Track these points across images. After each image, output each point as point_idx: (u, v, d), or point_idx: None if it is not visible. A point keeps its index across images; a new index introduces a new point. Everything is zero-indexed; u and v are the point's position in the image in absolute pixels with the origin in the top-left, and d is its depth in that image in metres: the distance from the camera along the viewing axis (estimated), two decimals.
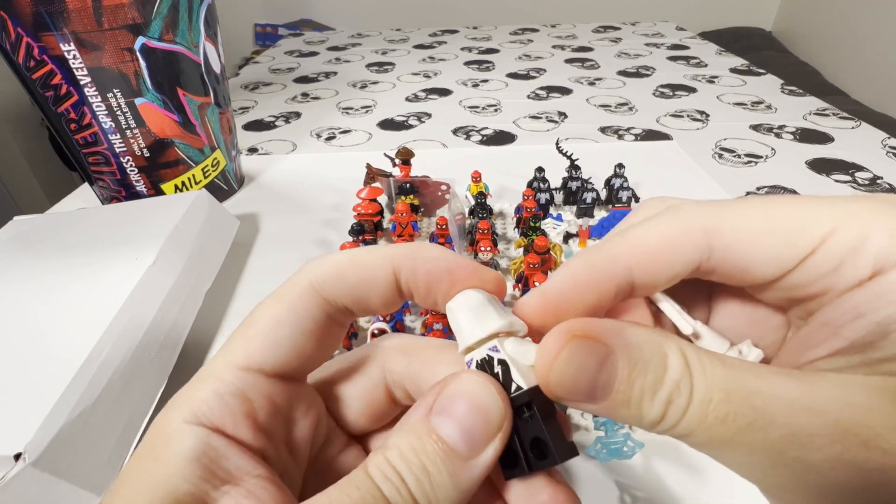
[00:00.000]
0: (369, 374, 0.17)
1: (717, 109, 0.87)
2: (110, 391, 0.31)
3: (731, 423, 0.12)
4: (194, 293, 0.42)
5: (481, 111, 0.90)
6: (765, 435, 0.12)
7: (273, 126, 0.88)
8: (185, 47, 0.53)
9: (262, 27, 2.39)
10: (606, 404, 0.13)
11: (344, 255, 0.16)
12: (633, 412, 0.13)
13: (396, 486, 0.13)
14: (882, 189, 0.62)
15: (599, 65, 1.12)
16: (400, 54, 1.26)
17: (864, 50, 1.84)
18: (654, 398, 0.12)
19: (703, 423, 0.12)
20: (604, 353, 0.13)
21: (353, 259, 0.16)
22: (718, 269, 0.14)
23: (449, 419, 0.13)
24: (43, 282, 0.39)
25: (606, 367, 0.13)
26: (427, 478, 0.13)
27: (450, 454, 0.13)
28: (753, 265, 0.14)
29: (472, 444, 0.13)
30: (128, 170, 0.56)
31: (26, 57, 0.48)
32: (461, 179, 0.62)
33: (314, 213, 0.61)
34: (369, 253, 0.16)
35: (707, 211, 0.14)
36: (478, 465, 0.13)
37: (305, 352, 0.15)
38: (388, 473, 0.13)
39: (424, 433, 0.13)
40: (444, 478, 0.13)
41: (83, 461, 0.28)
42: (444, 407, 0.14)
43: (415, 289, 0.16)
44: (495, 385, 0.14)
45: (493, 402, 0.14)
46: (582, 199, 0.56)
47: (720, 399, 0.12)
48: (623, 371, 0.13)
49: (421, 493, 0.13)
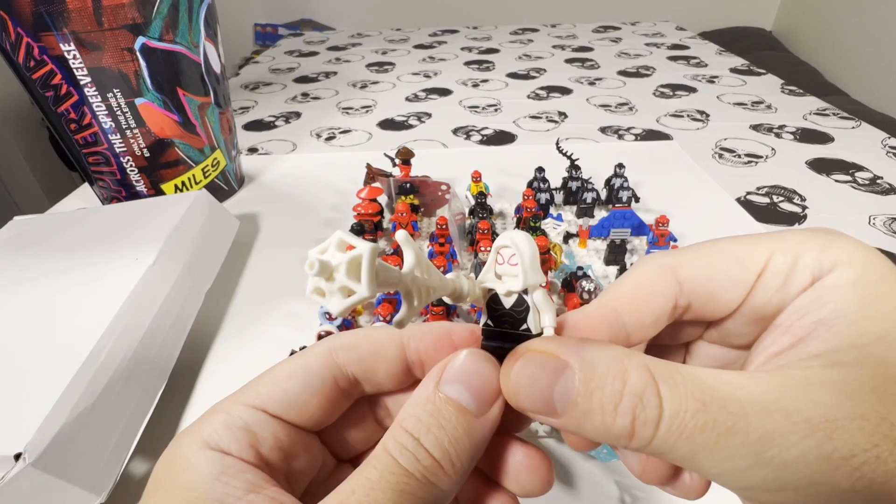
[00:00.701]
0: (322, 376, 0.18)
1: (717, 109, 0.87)
2: (110, 391, 0.31)
3: (711, 431, 0.12)
4: (194, 293, 0.42)
5: (481, 111, 0.90)
6: (744, 438, 0.12)
7: (273, 126, 0.88)
8: (186, 47, 0.53)
9: (262, 27, 2.39)
10: (569, 418, 0.14)
11: (361, 329, 0.18)
12: (596, 425, 0.13)
13: (413, 453, 0.14)
14: (882, 189, 0.62)
15: (599, 65, 1.12)
16: (400, 54, 1.26)
17: (864, 50, 1.83)
18: (615, 411, 0.13)
19: (682, 434, 0.13)
20: (558, 366, 0.14)
21: (367, 332, 0.18)
22: (692, 301, 0.17)
23: (458, 384, 0.15)
24: (43, 282, 0.39)
25: (562, 381, 0.14)
26: (444, 433, 0.14)
27: (463, 411, 0.15)
28: (720, 289, 0.16)
29: (481, 403, 0.15)
30: (128, 170, 0.56)
31: (26, 57, 0.48)
32: (461, 179, 0.62)
33: (314, 212, 0.61)
34: (382, 329, 0.18)
35: (668, 255, 0.17)
36: (487, 420, 0.15)
37: (309, 407, 0.17)
38: (405, 443, 0.14)
39: (438, 399, 0.15)
40: (461, 433, 0.15)
41: (83, 461, 0.28)
42: (451, 377, 0.15)
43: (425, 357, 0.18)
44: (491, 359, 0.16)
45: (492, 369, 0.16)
46: (582, 199, 0.56)
47: (696, 409, 0.13)
48: (579, 384, 0.14)
49: (439, 449, 0.14)
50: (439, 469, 0.14)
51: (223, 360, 0.42)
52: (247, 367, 0.41)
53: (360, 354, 0.17)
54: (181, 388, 0.39)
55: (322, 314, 0.41)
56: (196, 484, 0.14)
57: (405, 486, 0.14)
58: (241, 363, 0.41)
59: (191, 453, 0.14)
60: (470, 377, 0.15)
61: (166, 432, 0.36)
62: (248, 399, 0.16)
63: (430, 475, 0.14)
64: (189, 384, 0.40)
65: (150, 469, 0.33)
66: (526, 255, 0.16)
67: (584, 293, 0.41)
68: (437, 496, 0.14)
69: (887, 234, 0.54)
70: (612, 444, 0.14)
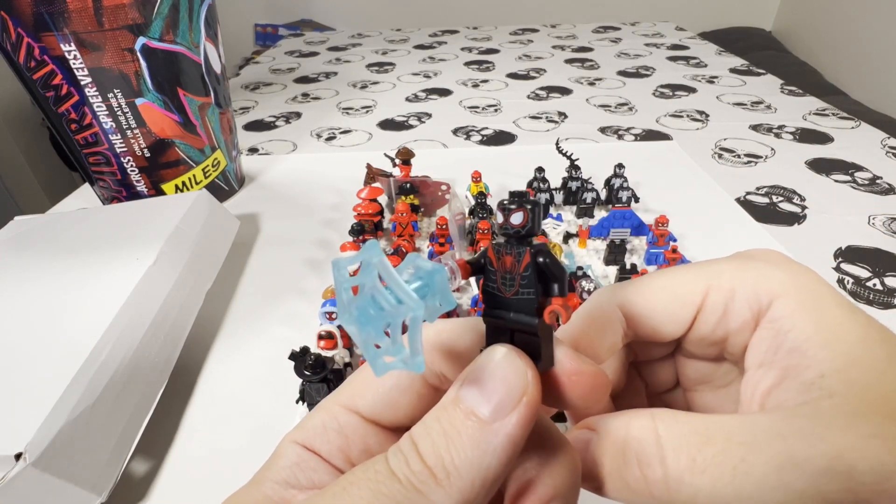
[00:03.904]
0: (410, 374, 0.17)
1: (716, 109, 0.87)
2: (110, 391, 0.31)
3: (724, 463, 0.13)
4: (194, 293, 0.42)
5: (481, 111, 0.90)
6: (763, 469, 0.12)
7: (273, 126, 0.88)
8: (186, 47, 0.53)
9: (263, 27, 2.39)
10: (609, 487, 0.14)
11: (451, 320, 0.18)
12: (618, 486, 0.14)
13: (405, 456, 0.13)
14: (881, 189, 0.62)
15: (599, 65, 1.12)
16: (400, 54, 1.26)
17: (864, 50, 1.83)
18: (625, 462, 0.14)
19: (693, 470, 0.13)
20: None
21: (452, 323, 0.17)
22: (638, 332, 0.18)
23: (474, 387, 0.13)
24: (43, 282, 0.39)
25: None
26: (443, 439, 0.13)
27: (471, 417, 0.13)
28: (661, 325, 0.17)
29: (495, 408, 0.13)
30: (128, 170, 0.56)
31: (27, 57, 0.48)
32: (461, 179, 0.62)
33: (314, 213, 0.61)
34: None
35: (616, 290, 0.18)
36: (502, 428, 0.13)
37: (399, 405, 0.17)
38: (402, 445, 0.13)
39: (449, 403, 0.14)
40: (464, 440, 0.13)
41: (83, 461, 0.28)
42: (470, 379, 0.14)
43: None
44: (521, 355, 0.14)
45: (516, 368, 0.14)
46: (582, 199, 0.56)
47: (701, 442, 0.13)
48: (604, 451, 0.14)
49: (433, 455, 0.13)
50: (429, 477, 0.13)
51: (223, 360, 0.42)
52: (247, 367, 0.41)
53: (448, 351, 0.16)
54: (181, 388, 0.39)
55: (322, 314, 0.41)
56: (272, 466, 0.16)
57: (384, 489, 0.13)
58: (241, 363, 0.41)
59: (285, 444, 0.16)
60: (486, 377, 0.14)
61: (166, 432, 0.36)
62: (343, 399, 0.17)
63: (417, 481, 0.13)
64: (189, 384, 0.40)
65: (151, 469, 0.34)
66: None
67: (584, 293, 0.41)
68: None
69: (887, 234, 0.54)
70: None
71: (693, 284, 0.17)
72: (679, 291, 0.17)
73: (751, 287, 0.16)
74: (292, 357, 0.34)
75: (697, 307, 0.17)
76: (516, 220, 0.14)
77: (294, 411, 0.36)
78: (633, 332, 0.18)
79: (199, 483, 0.33)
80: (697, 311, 0.17)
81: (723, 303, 0.16)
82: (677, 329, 0.17)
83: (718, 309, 0.17)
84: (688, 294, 0.17)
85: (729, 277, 0.16)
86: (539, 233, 0.14)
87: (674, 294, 0.17)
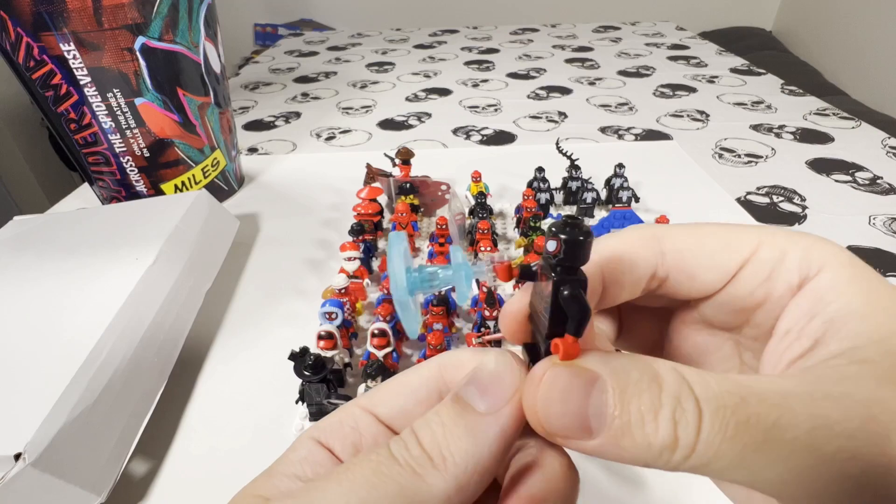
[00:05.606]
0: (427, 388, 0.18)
1: (717, 109, 0.87)
2: (110, 391, 0.31)
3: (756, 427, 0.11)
4: (194, 293, 0.42)
5: (481, 111, 0.90)
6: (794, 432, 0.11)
7: (273, 126, 0.88)
8: (185, 47, 0.53)
9: (262, 27, 2.39)
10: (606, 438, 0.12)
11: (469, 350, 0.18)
12: (637, 440, 0.12)
13: (405, 442, 0.14)
14: (882, 189, 0.62)
15: (599, 65, 1.12)
16: (400, 54, 1.26)
17: (864, 50, 1.83)
18: (656, 419, 0.12)
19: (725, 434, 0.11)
20: (589, 378, 0.13)
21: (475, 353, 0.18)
22: (671, 275, 0.17)
23: (470, 384, 0.15)
24: (43, 282, 0.39)
25: (595, 393, 0.13)
26: (441, 427, 0.14)
27: (466, 408, 0.14)
28: (701, 268, 0.16)
29: (489, 400, 0.14)
30: (128, 170, 0.56)
31: (26, 57, 0.48)
32: (461, 179, 0.62)
33: (314, 213, 0.61)
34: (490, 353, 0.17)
35: (657, 226, 0.17)
36: (498, 420, 0.14)
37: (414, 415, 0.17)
38: (403, 434, 0.14)
39: (449, 400, 0.15)
40: (460, 429, 0.14)
41: (83, 461, 0.28)
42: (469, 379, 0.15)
43: None
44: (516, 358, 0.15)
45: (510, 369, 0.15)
46: (582, 199, 0.56)
47: (735, 404, 0.12)
48: (614, 395, 0.12)
49: (430, 441, 0.14)
50: (427, 461, 0.14)
51: (223, 360, 0.42)
52: (247, 367, 0.41)
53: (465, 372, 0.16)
54: (181, 388, 0.39)
55: (322, 314, 0.41)
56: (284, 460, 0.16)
57: (384, 469, 0.13)
58: (241, 363, 0.41)
59: (302, 439, 0.17)
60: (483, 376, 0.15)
61: (166, 432, 0.36)
62: (364, 402, 0.17)
63: (415, 464, 0.13)
64: (189, 384, 0.40)
65: (150, 469, 0.34)
66: None
67: None
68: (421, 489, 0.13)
69: (887, 234, 0.54)
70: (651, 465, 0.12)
71: (745, 236, 0.16)
72: (730, 239, 0.16)
73: (802, 252, 0.15)
74: (292, 357, 0.34)
75: (745, 260, 0.16)
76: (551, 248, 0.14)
77: (293, 411, 0.36)
78: (666, 274, 0.17)
79: (199, 483, 0.33)
80: (743, 264, 0.16)
81: (773, 260, 0.15)
82: (717, 279, 0.16)
83: (767, 266, 0.15)
84: (738, 243, 0.16)
85: (783, 238, 0.16)
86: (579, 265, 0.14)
87: (724, 241, 0.16)
